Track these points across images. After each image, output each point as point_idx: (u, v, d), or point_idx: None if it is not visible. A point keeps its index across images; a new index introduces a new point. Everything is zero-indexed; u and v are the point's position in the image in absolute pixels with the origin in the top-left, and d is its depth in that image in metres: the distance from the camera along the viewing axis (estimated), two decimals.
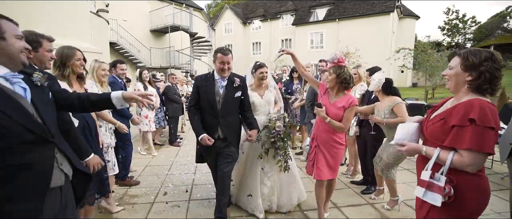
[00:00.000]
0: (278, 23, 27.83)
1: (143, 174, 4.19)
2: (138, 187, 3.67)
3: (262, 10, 29.61)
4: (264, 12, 29.21)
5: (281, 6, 28.25)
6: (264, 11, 29.30)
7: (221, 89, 2.59)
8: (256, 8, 30.65)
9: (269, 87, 3.13)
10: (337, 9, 24.14)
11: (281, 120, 2.83)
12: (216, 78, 2.61)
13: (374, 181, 3.37)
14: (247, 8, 31.91)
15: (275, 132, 2.74)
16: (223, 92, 2.58)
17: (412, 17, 26.23)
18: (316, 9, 25.31)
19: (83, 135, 2.26)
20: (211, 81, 2.60)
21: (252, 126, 2.69)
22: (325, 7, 24.84)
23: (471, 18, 32.72)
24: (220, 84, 2.60)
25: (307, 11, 25.77)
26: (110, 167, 2.79)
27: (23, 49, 1.25)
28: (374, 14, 21.58)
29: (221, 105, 2.57)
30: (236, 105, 2.67)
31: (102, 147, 2.62)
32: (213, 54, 2.60)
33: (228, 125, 2.61)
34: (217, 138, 2.59)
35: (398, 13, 24.59)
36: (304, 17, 25.67)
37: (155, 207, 3.10)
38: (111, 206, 2.95)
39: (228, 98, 2.57)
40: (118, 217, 2.89)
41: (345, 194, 3.45)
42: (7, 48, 1.19)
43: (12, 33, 1.21)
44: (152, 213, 2.96)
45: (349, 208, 3.11)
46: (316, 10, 25.31)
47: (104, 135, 2.76)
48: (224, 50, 2.55)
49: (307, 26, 25.12)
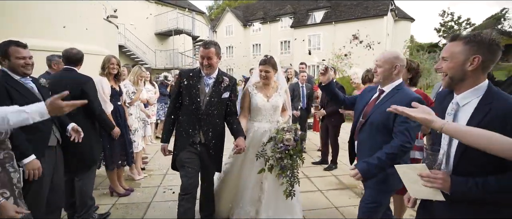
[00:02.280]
0: (277, 25, 28.75)
1: (155, 157, 5.14)
2: (152, 164, 4.64)
3: (262, 12, 30.55)
4: (264, 14, 30.15)
5: (280, 9, 29.19)
6: (264, 14, 30.23)
7: (207, 87, 2.28)
8: (256, 10, 31.60)
9: (279, 90, 2.65)
10: (333, 12, 25.04)
11: (292, 132, 2.32)
12: (202, 74, 2.29)
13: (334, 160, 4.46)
14: (247, 11, 32.87)
15: (283, 147, 2.28)
16: (209, 91, 2.27)
17: (407, 20, 27.08)
18: (313, 12, 26.21)
19: (114, 117, 3.18)
20: (196, 77, 2.28)
21: (239, 132, 2.34)
22: (322, 10, 25.74)
23: (466, 20, 33.49)
24: (206, 82, 2.28)
25: (305, 14, 26.69)
26: (135, 146, 3.73)
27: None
28: (369, 17, 22.46)
29: (206, 105, 2.25)
30: (222, 108, 2.35)
31: (130, 129, 3.56)
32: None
33: (211, 130, 2.29)
34: (199, 142, 2.29)
35: (393, 16, 25.44)
36: (302, 19, 26.59)
37: (167, 177, 4.08)
38: (134, 174, 3.91)
39: (214, 98, 2.26)
40: (140, 183, 3.87)
41: (313, 170, 4.43)
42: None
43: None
44: (166, 180, 3.95)
45: (317, 178, 4.08)
46: (313, 13, 26.21)
47: (133, 121, 3.72)
48: (205, 43, 2.23)
49: (305, 29, 26.03)
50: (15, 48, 2.01)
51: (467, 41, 1.25)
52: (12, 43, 2.04)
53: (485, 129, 1.12)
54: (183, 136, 2.31)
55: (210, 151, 2.33)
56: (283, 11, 28.39)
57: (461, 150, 1.21)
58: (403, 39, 24.56)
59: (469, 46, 1.24)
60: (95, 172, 2.93)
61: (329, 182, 3.96)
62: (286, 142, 2.26)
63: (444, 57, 1.32)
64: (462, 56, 1.25)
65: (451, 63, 1.29)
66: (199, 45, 2.15)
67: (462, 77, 1.27)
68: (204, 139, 2.29)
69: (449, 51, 1.31)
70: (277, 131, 2.36)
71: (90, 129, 2.64)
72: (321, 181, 3.99)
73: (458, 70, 1.27)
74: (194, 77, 2.29)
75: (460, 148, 1.22)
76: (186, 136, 2.29)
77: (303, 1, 27.96)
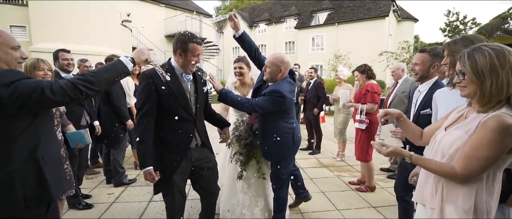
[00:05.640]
0: (282, 26, 29.54)
1: None
2: None
3: (267, 14, 31.38)
4: (269, 16, 30.97)
5: (285, 10, 29.97)
6: (269, 15, 31.06)
7: (189, 84, 1.99)
8: (262, 12, 32.45)
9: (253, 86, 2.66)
10: (336, 13, 25.67)
11: (244, 124, 2.51)
12: (178, 72, 1.94)
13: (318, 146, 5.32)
14: (253, 13, 33.75)
15: (238, 134, 2.48)
16: (193, 88, 2.01)
17: (410, 20, 27.45)
18: (317, 13, 26.89)
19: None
20: (173, 76, 1.87)
21: (223, 123, 2.36)
22: (325, 12, 26.40)
23: (471, 20, 33.43)
24: (185, 78, 1.97)
25: (309, 15, 27.39)
26: None
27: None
28: (370, 18, 23.00)
29: (195, 104, 2.01)
30: (204, 102, 2.15)
31: None
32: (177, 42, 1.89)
33: (202, 127, 2.11)
34: (195, 147, 2.03)
35: (396, 17, 25.88)
36: (306, 21, 27.30)
37: None
38: None
39: (199, 94, 2.04)
40: None
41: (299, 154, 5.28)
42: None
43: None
44: None
45: (301, 160, 4.92)
46: (317, 14, 26.89)
47: None
48: (198, 39, 1.90)
49: (308, 30, 26.74)
50: (62, 53, 3.11)
51: (431, 54, 2.01)
52: (60, 49, 3.15)
53: (428, 105, 1.90)
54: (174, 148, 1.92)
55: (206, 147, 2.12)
56: (287, 13, 29.16)
57: (414, 119, 2.02)
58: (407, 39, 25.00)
59: (433, 57, 2.03)
60: (124, 149, 3.87)
61: (310, 162, 4.81)
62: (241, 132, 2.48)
63: (416, 63, 2.08)
64: (429, 63, 2.04)
65: (421, 67, 2.05)
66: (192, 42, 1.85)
67: (426, 76, 2.09)
68: (201, 140, 2.06)
69: (420, 59, 2.06)
70: (236, 121, 2.58)
71: (113, 116, 3.55)
72: (304, 162, 4.83)
73: (425, 72, 2.06)
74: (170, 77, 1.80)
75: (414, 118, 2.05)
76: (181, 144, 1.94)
77: (307, 2, 28.66)
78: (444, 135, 1.28)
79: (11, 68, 1.33)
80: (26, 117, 1.27)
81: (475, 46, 1.18)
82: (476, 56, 1.13)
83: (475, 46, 1.18)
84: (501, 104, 1.12)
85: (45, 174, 1.33)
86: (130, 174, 4.06)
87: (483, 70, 1.11)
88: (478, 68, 1.12)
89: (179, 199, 2.03)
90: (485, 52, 1.12)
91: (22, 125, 1.27)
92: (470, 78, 1.15)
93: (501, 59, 1.09)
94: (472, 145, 1.12)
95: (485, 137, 1.09)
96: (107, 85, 1.43)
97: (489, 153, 1.07)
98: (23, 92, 1.18)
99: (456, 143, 1.19)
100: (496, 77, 1.10)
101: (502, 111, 1.10)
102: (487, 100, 1.14)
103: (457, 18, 35.01)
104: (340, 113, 4.84)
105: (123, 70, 1.47)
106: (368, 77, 3.70)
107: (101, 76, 1.36)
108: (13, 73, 1.25)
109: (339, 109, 4.77)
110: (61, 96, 1.24)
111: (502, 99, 1.12)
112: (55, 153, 1.50)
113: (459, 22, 35.20)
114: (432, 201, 1.26)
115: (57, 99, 1.24)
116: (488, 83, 1.11)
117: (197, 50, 1.86)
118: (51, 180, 1.35)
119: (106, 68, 1.44)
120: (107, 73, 1.40)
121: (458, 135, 1.20)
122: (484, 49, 1.13)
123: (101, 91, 1.39)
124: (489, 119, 1.10)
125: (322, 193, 3.55)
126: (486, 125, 1.10)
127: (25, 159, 1.28)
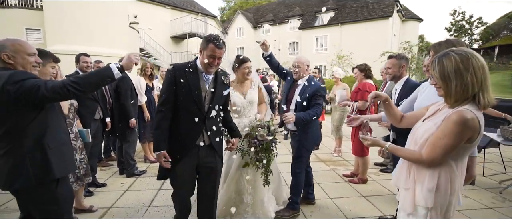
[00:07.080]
0: (286, 27, 29.76)
1: None
2: None
3: (271, 15, 31.63)
4: (273, 16, 31.22)
5: (289, 11, 30.19)
6: (273, 16, 31.30)
7: (207, 84, 2.07)
8: (266, 13, 32.72)
9: (253, 86, 2.81)
10: (340, 14, 25.80)
11: (265, 128, 2.49)
12: (200, 70, 2.05)
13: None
14: (257, 13, 34.04)
15: (257, 142, 2.44)
16: (210, 88, 2.08)
17: (415, 20, 27.39)
18: (321, 14, 27.05)
19: (148, 106, 4.45)
20: (194, 73, 2.02)
21: (235, 132, 2.37)
22: (329, 12, 26.55)
23: (477, 19, 33.20)
24: (205, 77, 2.07)
25: (313, 16, 27.56)
26: None
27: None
28: (374, 18, 23.06)
29: (208, 103, 2.07)
30: (221, 105, 2.18)
31: None
32: (202, 42, 2.03)
33: (214, 129, 2.13)
34: (202, 145, 2.08)
35: (400, 17, 25.88)
36: (310, 21, 27.47)
37: None
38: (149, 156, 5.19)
39: (216, 96, 2.09)
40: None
41: None
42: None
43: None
44: None
45: None
46: (321, 14, 27.05)
47: None
48: (219, 42, 1.94)
49: (312, 30, 26.90)
50: (83, 57, 3.56)
51: (398, 58, 2.70)
52: (82, 53, 3.59)
53: (404, 97, 2.39)
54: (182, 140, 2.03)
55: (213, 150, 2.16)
56: (291, 13, 29.37)
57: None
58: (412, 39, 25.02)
59: (400, 60, 2.66)
60: (134, 143, 4.21)
61: None
62: (260, 138, 2.44)
63: (389, 67, 2.71)
64: (398, 65, 2.65)
65: (393, 69, 2.70)
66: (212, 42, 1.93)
67: (398, 75, 2.67)
68: (208, 141, 2.10)
69: (391, 63, 2.70)
70: (252, 128, 2.52)
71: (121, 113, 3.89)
72: None
73: (396, 72, 2.68)
74: (192, 73, 2.00)
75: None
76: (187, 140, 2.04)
77: (311, 2, 28.82)
78: (420, 125, 1.45)
79: (23, 70, 1.63)
80: (33, 110, 1.56)
81: (444, 52, 1.31)
82: (444, 61, 1.27)
83: (445, 51, 1.31)
84: (467, 101, 1.27)
85: (49, 157, 1.61)
86: (141, 166, 4.41)
87: (449, 74, 1.25)
88: (445, 72, 1.26)
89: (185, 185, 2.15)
90: (451, 57, 1.25)
91: (30, 116, 1.55)
92: (438, 82, 1.31)
93: (465, 63, 1.22)
94: (437, 135, 1.29)
95: (447, 128, 1.25)
96: (93, 88, 1.66)
97: (449, 141, 1.24)
98: (25, 90, 1.47)
99: (426, 133, 1.36)
100: (461, 79, 1.23)
101: (466, 106, 1.25)
102: (454, 100, 1.29)
103: (463, 18, 34.91)
104: (336, 111, 5.11)
105: (108, 75, 1.63)
106: (366, 77, 3.97)
107: (89, 79, 1.60)
108: (22, 74, 1.54)
109: (335, 107, 5.04)
110: (52, 94, 1.50)
111: (468, 98, 1.26)
112: (60, 139, 1.74)
113: (465, 21, 35.10)
114: (407, 182, 1.46)
115: (50, 96, 1.50)
116: (453, 85, 1.25)
117: (214, 51, 1.93)
118: (54, 162, 1.63)
119: (96, 72, 1.66)
120: (95, 77, 1.62)
121: (428, 126, 1.37)
122: (450, 54, 1.26)
123: (87, 92, 1.64)
124: (452, 113, 1.26)
125: (317, 184, 3.83)
126: (449, 118, 1.26)
127: (33, 144, 1.57)
